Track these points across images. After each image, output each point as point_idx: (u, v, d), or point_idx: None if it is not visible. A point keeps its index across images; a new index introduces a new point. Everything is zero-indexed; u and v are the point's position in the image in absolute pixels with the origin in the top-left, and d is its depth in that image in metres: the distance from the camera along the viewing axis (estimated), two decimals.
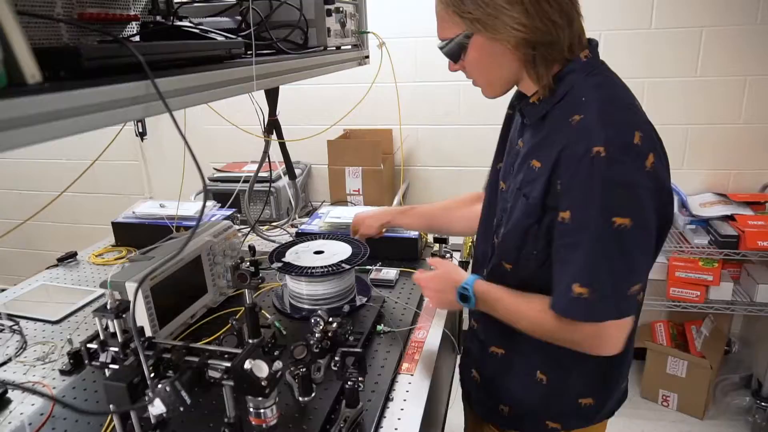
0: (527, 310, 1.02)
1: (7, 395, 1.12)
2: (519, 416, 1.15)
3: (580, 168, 0.87)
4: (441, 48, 1.00)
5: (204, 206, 0.64)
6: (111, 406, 0.81)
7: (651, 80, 2.46)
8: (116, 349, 0.83)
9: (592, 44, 0.99)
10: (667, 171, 0.94)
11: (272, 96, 1.64)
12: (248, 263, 1.24)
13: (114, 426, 0.93)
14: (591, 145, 0.86)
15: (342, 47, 1.36)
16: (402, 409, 1.06)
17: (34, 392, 0.56)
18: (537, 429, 1.13)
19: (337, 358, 1.04)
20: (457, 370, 1.49)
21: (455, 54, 0.99)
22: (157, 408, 0.74)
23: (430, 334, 1.32)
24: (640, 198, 0.87)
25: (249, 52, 0.92)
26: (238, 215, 1.96)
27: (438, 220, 1.47)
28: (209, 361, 0.79)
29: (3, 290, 1.63)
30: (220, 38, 0.89)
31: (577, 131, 0.90)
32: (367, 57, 1.54)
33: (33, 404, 1.09)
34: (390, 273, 1.56)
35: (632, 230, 0.87)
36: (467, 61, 0.98)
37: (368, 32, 1.52)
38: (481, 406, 1.22)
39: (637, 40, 2.44)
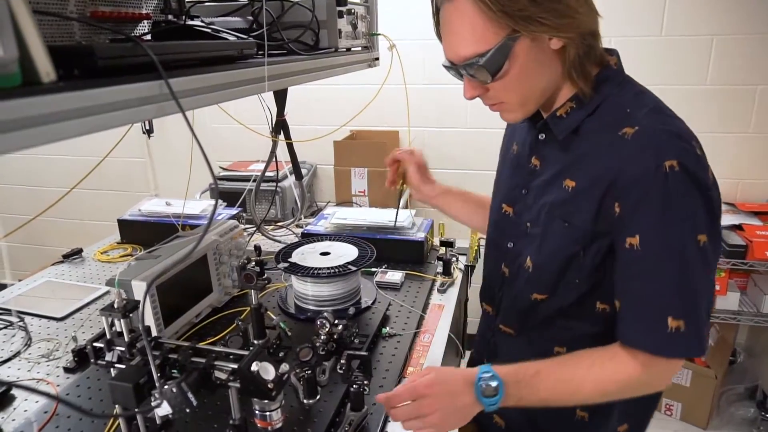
0: (587, 369, 0.86)
1: (11, 392, 1.12)
2: None
3: (652, 186, 0.79)
4: (472, 64, 0.84)
5: (216, 205, 0.64)
6: (117, 407, 0.81)
7: (660, 87, 2.43)
8: (122, 348, 0.83)
9: (615, 53, 0.92)
10: None
11: (281, 96, 1.64)
12: (254, 263, 1.24)
13: (118, 425, 0.93)
14: (662, 158, 0.78)
15: (352, 49, 1.35)
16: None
17: (39, 392, 0.56)
18: None
19: (342, 361, 1.04)
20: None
21: (496, 66, 0.83)
22: (162, 409, 0.74)
23: (436, 337, 1.31)
24: (714, 210, 0.81)
25: (260, 53, 0.92)
26: (244, 214, 1.96)
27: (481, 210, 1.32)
28: (215, 363, 0.79)
29: (8, 286, 1.63)
30: (231, 38, 0.89)
31: (636, 145, 0.81)
32: (377, 59, 1.54)
33: (37, 401, 1.09)
34: (395, 276, 1.56)
35: (710, 245, 0.81)
36: (509, 73, 0.84)
37: (379, 34, 1.52)
38: None
39: (647, 48, 2.43)
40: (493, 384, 0.84)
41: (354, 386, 0.99)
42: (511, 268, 1.03)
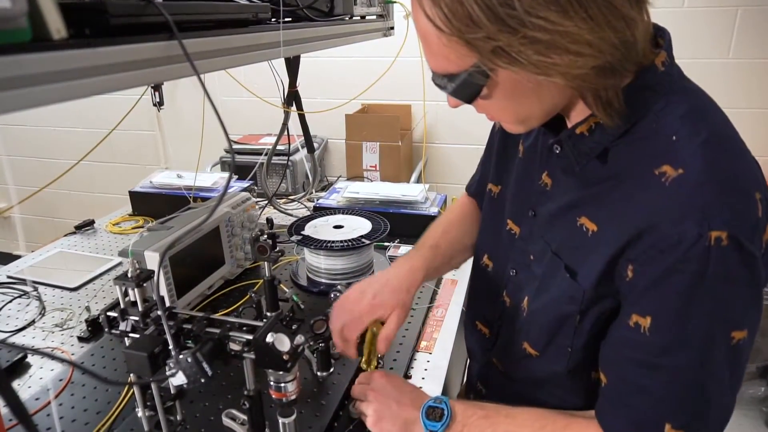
0: None
1: (27, 360, 1.13)
2: None
3: (685, 260, 0.58)
4: (439, 85, 0.66)
5: (231, 175, 0.62)
6: (131, 375, 0.80)
7: (678, 62, 2.39)
8: (136, 318, 0.82)
9: (665, 39, 0.67)
10: None
11: (293, 67, 1.61)
12: (266, 236, 1.23)
13: (132, 393, 0.93)
14: (707, 226, 0.57)
15: (367, 17, 1.32)
16: (420, 387, 1.05)
17: (56, 358, 0.55)
18: None
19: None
20: None
21: (469, 94, 0.63)
22: (177, 378, 0.73)
23: (449, 312, 1.30)
24: (761, 297, 0.62)
25: (274, 18, 0.89)
26: (255, 188, 1.95)
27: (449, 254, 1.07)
28: (230, 333, 0.78)
29: (21, 257, 1.63)
30: (245, 1, 0.86)
31: (675, 197, 0.60)
32: (392, 28, 1.50)
33: (52, 369, 1.10)
34: (408, 250, 1.54)
35: (746, 342, 0.62)
36: (492, 99, 0.65)
37: (394, 2, 1.48)
38: None
39: (663, 18, 2.36)
40: (441, 408, 0.79)
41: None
42: (512, 300, 0.86)
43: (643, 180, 0.63)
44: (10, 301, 1.37)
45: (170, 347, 0.74)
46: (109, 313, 0.85)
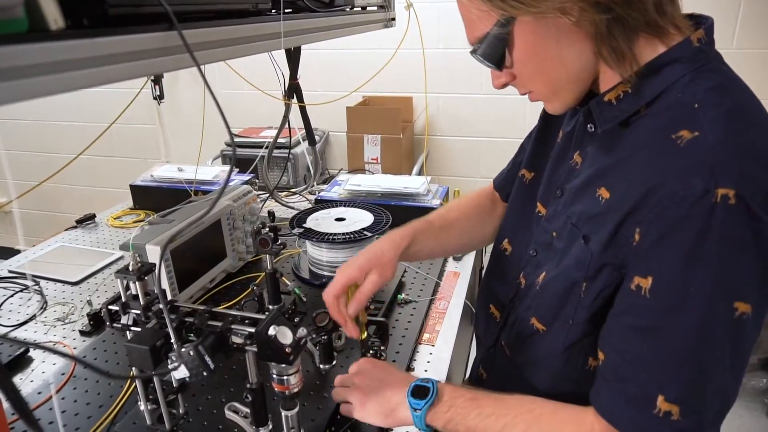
0: (533, 419, 0.71)
1: (29, 354, 1.13)
2: None
3: (690, 216, 0.57)
4: (475, 53, 0.72)
5: (232, 168, 0.61)
6: (134, 369, 0.80)
7: None
8: (138, 311, 0.82)
9: (707, 24, 0.68)
10: None
11: (294, 59, 1.60)
12: (268, 229, 1.22)
13: (135, 387, 0.93)
14: (715, 183, 0.56)
15: (368, 8, 1.31)
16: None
17: (57, 353, 0.55)
18: None
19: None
20: (475, 340, 1.47)
21: (496, 54, 0.69)
22: (180, 372, 0.73)
23: (451, 304, 1.30)
24: (764, 273, 0.59)
25: (274, 9, 0.89)
26: (256, 181, 1.94)
27: (455, 237, 1.07)
28: (232, 326, 0.77)
29: (23, 250, 1.63)
30: None
31: (689, 157, 0.60)
32: (393, 19, 1.49)
33: (54, 363, 1.10)
34: None
35: (751, 321, 0.59)
36: (516, 62, 0.70)
37: None
38: None
39: None
40: (425, 385, 0.79)
41: (371, 352, 0.98)
42: (527, 279, 0.86)
43: (659, 145, 0.63)
44: (12, 296, 1.37)
45: (172, 340, 0.73)
46: (110, 307, 0.84)
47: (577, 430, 0.68)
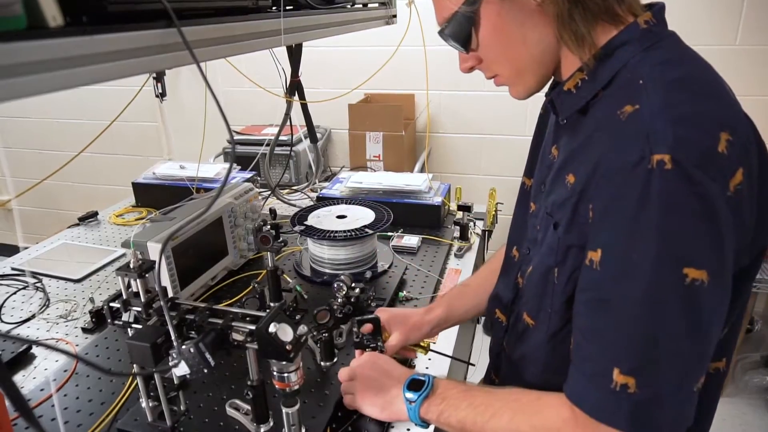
0: (515, 406, 0.72)
1: (32, 351, 1.13)
2: None
3: (628, 184, 0.58)
4: (442, 32, 0.75)
5: (231, 165, 0.61)
6: (134, 365, 0.80)
7: None
8: (139, 308, 0.82)
9: (655, 7, 0.71)
10: (763, 192, 0.63)
11: (295, 56, 1.60)
12: (269, 226, 1.22)
13: (136, 384, 0.94)
14: (649, 150, 0.56)
15: (369, 5, 1.30)
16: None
17: (60, 351, 0.55)
18: None
19: (355, 329, 1.02)
20: (476, 338, 1.47)
21: (463, 34, 0.72)
22: (180, 369, 0.73)
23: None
24: (722, 237, 0.57)
25: (274, 7, 0.88)
26: (258, 178, 1.94)
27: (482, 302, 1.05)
28: (233, 324, 0.78)
29: (19, 248, 1.63)
30: None
31: (628, 129, 0.60)
32: (395, 16, 1.49)
33: (57, 360, 1.10)
34: (412, 240, 1.54)
35: (709, 288, 0.57)
36: (482, 43, 0.73)
37: None
38: None
39: (670, 4, 2.33)
40: (421, 378, 0.82)
41: (368, 349, 0.98)
42: (523, 278, 0.86)
43: (607, 123, 0.64)
44: (15, 293, 1.37)
45: (172, 338, 0.74)
46: (111, 304, 0.85)
47: (558, 413, 0.67)
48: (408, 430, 0.92)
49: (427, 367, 1.08)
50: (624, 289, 0.59)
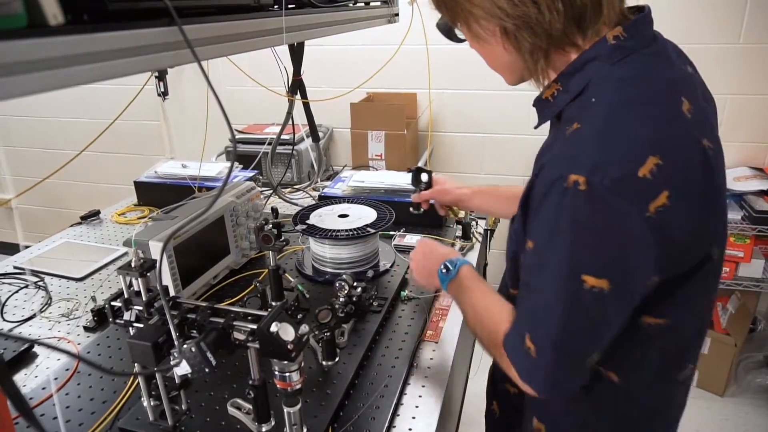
0: (488, 320, 0.86)
1: (34, 349, 1.13)
2: None
3: (549, 196, 0.66)
4: (438, 26, 0.92)
5: (233, 164, 0.61)
6: (136, 365, 0.80)
7: (688, 47, 2.34)
8: (140, 307, 0.82)
9: (632, 20, 0.73)
10: (704, 208, 0.69)
11: (297, 55, 1.60)
12: (271, 225, 1.22)
13: (138, 383, 0.93)
14: (568, 170, 0.63)
15: (371, 3, 1.30)
16: (426, 377, 1.05)
17: (61, 350, 0.55)
18: None
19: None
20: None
21: (447, 33, 0.90)
22: (182, 368, 0.73)
23: (455, 301, 1.30)
24: (629, 253, 0.65)
25: (276, 6, 0.88)
26: (260, 177, 1.94)
27: (513, 204, 1.23)
28: (234, 323, 0.77)
29: (28, 247, 1.64)
30: None
31: (563, 145, 0.69)
32: (397, 15, 1.48)
33: (59, 359, 1.10)
34: (413, 239, 1.53)
35: (609, 296, 0.65)
36: (469, 41, 0.83)
37: None
38: None
39: (674, 3, 2.32)
40: (452, 265, 0.98)
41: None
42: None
43: (560, 134, 0.71)
44: (17, 291, 1.37)
45: (174, 337, 0.73)
46: (113, 303, 0.85)
47: (503, 323, 0.81)
48: (410, 429, 0.92)
49: (428, 368, 1.07)
50: (537, 278, 0.72)
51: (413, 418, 0.95)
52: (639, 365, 0.79)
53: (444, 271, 0.98)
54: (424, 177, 1.40)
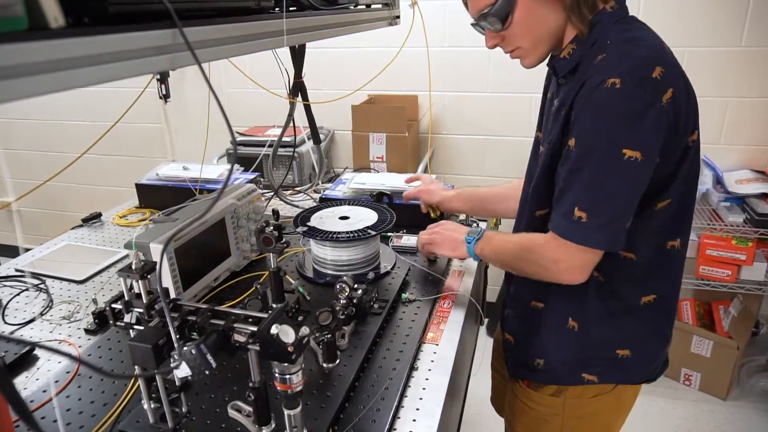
0: (518, 238, 1.09)
1: (35, 352, 1.13)
2: (553, 369, 1.15)
3: (592, 97, 0.90)
4: (484, 15, 0.98)
5: (233, 167, 0.61)
6: (136, 367, 0.80)
7: (690, 50, 2.35)
8: (141, 310, 0.82)
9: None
10: (693, 105, 0.96)
11: (298, 57, 1.60)
12: (272, 227, 1.22)
13: (138, 385, 0.93)
14: (607, 76, 0.88)
15: (373, 6, 1.30)
16: (427, 379, 1.04)
17: (61, 353, 0.55)
18: (573, 381, 1.13)
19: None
20: (480, 339, 1.46)
21: (504, 14, 0.97)
22: (182, 371, 0.73)
23: (456, 303, 1.30)
24: (649, 133, 0.89)
25: (277, 8, 0.88)
26: (261, 179, 1.94)
27: (488, 204, 1.48)
28: (234, 325, 0.77)
29: (29, 250, 1.64)
30: None
31: (597, 68, 0.92)
32: (398, 17, 1.49)
33: (60, 362, 1.10)
34: (412, 240, 1.53)
35: (642, 164, 0.90)
36: (515, 21, 0.98)
37: None
38: (516, 365, 1.25)
39: (676, 6, 2.32)
40: (477, 230, 1.23)
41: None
42: (527, 191, 1.17)
43: (587, 68, 0.95)
44: (18, 294, 1.38)
45: (174, 339, 0.73)
46: (113, 306, 0.85)
47: (543, 237, 1.03)
48: (420, 399, 0.93)
49: (429, 369, 1.07)
50: (587, 160, 0.92)
51: (414, 420, 0.95)
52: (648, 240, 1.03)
53: (470, 236, 1.21)
54: (386, 199, 1.63)
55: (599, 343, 1.10)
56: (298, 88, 1.64)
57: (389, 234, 1.57)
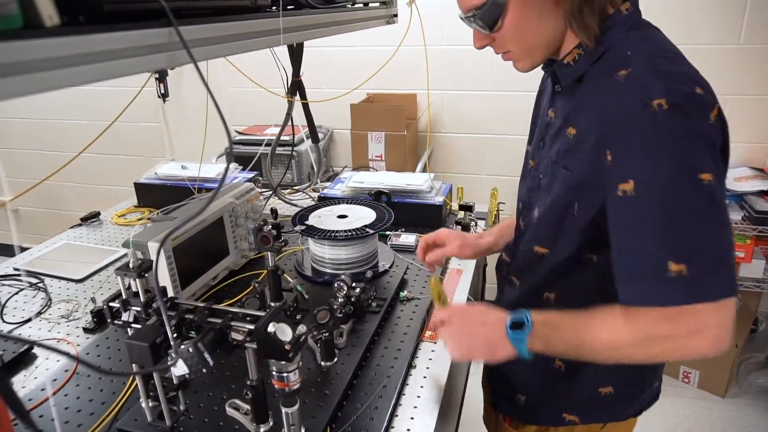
0: (600, 325, 0.82)
1: (33, 351, 1.13)
2: (534, 407, 1.05)
3: (639, 126, 0.74)
4: (472, 16, 0.87)
5: (229, 165, 0.61)
6: (134, 365, 0.80)
7: (688, 47, 2.34)
8: (138, 308, 0.82)
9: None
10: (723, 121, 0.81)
11: (296, 56, 1.60)
12: (270, 226, 1.22)
13: (136, 384, 0.94)
14: (648, 98, 0.73)
15: (370, 4, 1.30)
16: (425, 377, 1.05)
17: (60, 352, 0.55)
18: (553, 422, 1.03)
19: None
20: None
21: (492, 19, 0.85)
22: (179, 369, 0.73)
23: (454, 301, 1.30)
24: (713, 149, 0.75)
25: (274, 7, 0.88)
26: (260, 178, 1.94)
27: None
28: (232, 323, 0.77)
29: (28, 249, 1.64)
30: None
31: (626, 87, 0.77)
32: (396, 15, 1.48)
33: (58, 360, 1.10)
34: (409, 238, 1.54)
35: (716, 185, 0.74)
36: (505, 26, 0.85)
37: None
38: (496, 395, 1.15)
39: (674, 3, 2.32)
40: (520, 316, 0.87)
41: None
42: (524, 221, 1.03)
43: (606, 85, 0.81)
44: (17, 293, 1.38)
45: (170, 337, 0.73)
46: (111, 304, 0.85)
47: (614, 317, 0.81)
48: (408, 430, 0.92)
49: (427, 368, 1.07)
50: (661, 203, 0.74)
51: (411, 418, 0.95)
52: None
53: (513, 330, 0.86)
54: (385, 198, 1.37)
55: (582, 382, 0.99)
56: (296, 87, 1.64)
57: (387, 232, 1.57)
